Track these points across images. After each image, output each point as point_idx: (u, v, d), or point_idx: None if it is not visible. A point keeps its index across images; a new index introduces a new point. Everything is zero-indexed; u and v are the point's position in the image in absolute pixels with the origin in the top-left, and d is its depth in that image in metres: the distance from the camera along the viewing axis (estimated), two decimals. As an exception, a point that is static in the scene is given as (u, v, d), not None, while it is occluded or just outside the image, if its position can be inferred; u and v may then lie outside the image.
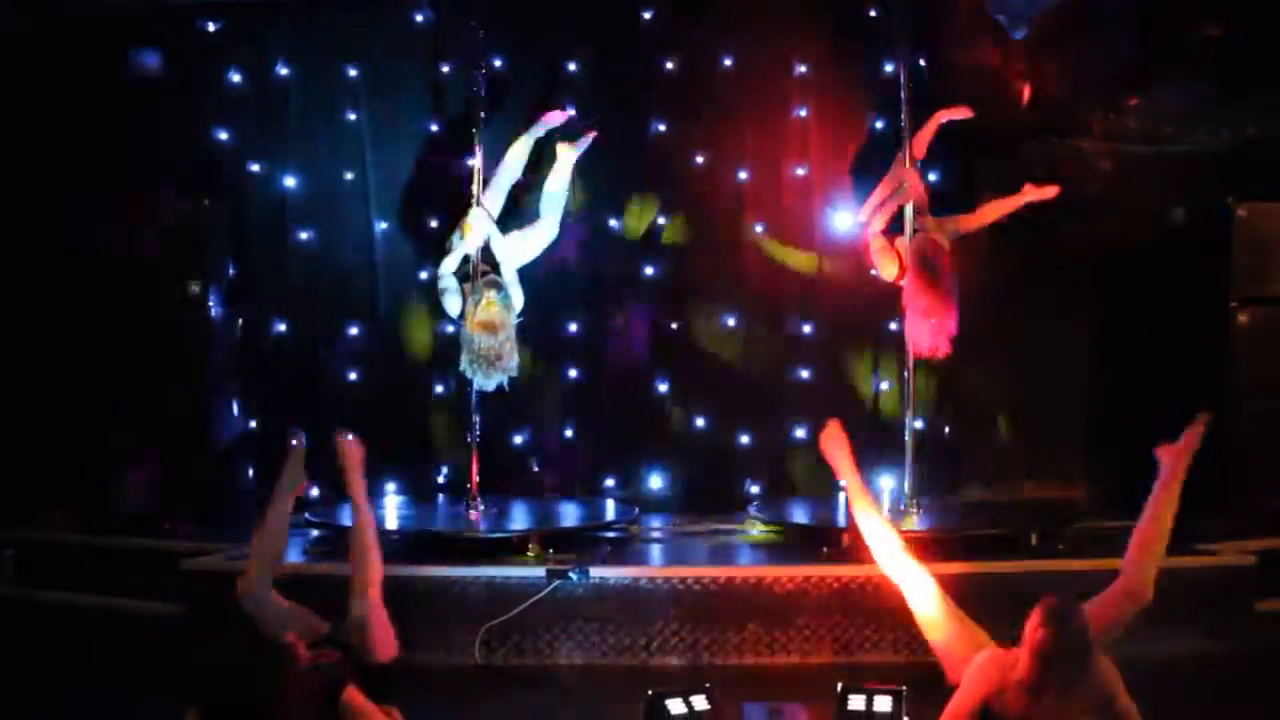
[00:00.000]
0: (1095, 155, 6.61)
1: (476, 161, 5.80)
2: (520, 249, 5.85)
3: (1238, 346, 6.20)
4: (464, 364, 5.58)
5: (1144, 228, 6.56)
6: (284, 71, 6.68)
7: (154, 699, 4.40)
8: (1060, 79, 6.58)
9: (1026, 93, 6.62)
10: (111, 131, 6.50)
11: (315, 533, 5.59)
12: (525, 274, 5.90)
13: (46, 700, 4.44)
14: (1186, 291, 6.43)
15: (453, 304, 5.72)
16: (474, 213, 5.74)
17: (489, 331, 5.49)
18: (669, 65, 6.71)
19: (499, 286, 5.62)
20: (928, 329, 5.55)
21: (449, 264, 5.79)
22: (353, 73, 6.66)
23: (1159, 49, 6.42)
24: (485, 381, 5.60)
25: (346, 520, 4.75)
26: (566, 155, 5.99)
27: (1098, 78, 6.54)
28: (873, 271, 5.92)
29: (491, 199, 5.87)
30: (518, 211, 6.13)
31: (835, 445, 4.13)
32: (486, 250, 5.75)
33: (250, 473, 6.62)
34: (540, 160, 6.09)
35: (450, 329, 6.09)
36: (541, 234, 5.93)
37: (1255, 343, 6.18)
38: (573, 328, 6.69)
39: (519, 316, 5.69)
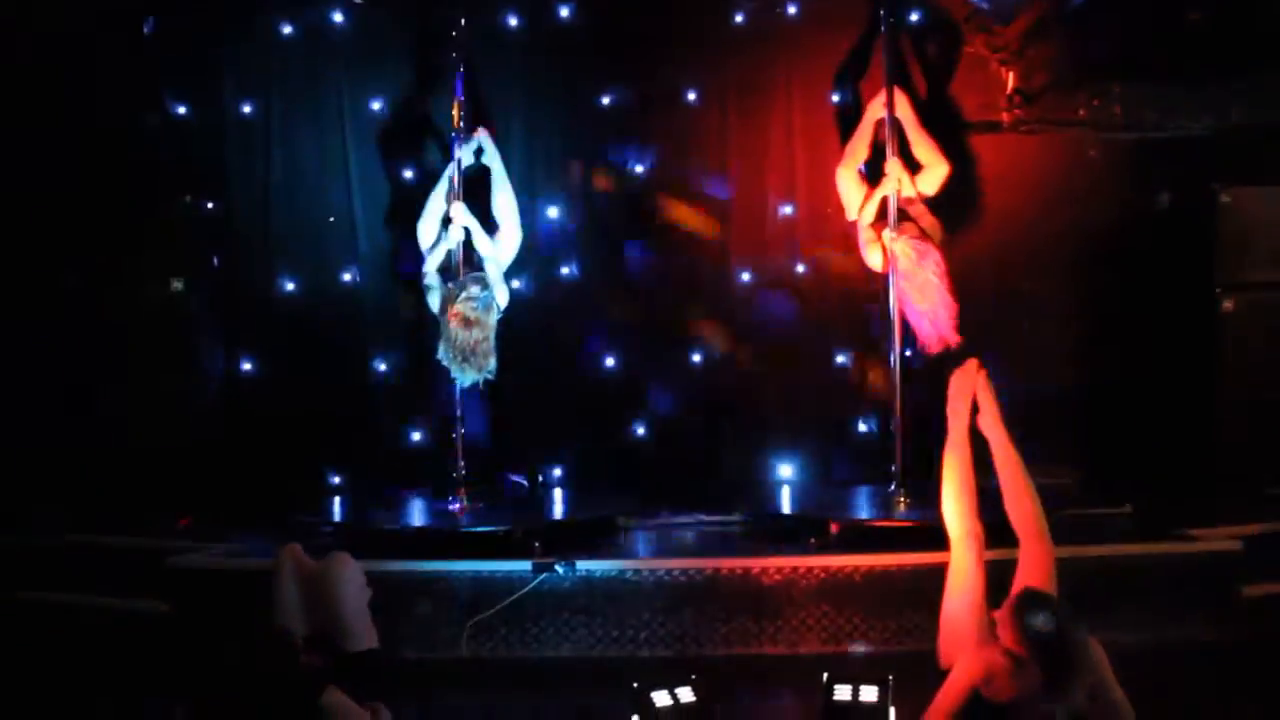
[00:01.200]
0: (1078, 142, 6.61)
1: (456, 151, 5.80)
2: (496, 253, 5.85)
3: (1223, 332, 6.21)
4: (441, 352, 5.57)
5: (1128, 214, 6.55)
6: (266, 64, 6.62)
7: (139, 697, 4.39)
8: (1043, 66, 6.58)
9: (1010, 80, 6.62)
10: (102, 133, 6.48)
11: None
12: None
13: (31, 701, 4.41)
14: (1171, 278, 6.43)
15: (435, 300, 5.72)
16: (454, 207, 5.73)
17: (464, 326, 5.48)
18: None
19: (483, 284, 5.62)
20: (930, 323, 5.57)
21: (433, 261, 5.79)
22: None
23: (1141, 35, 6.41)
24: (462, 376, 5.58)
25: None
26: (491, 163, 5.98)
27: (1080, 64, 6.53)
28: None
29: (427, 228, 5.87)
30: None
31: (962, 384, 4.20)
32: (471, 248, 5.75)
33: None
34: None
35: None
36: (508, 240, 5.93)
37: (1240, 328, 6.18)
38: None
39: (500, 313, 5.68)
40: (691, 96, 6.62)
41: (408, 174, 6.54)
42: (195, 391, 6.50)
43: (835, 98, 6.55)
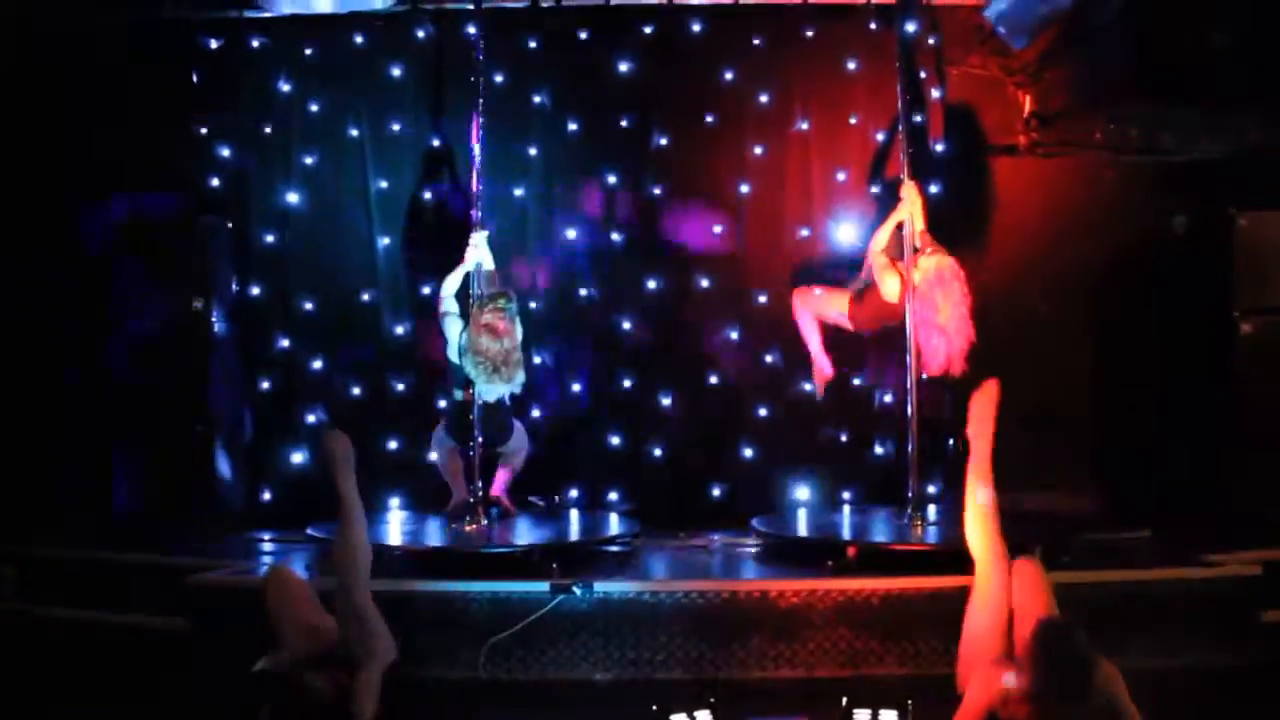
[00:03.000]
0: (1096, 166, 6.62)
1: (474, 179, 5.84)
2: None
3: (1241, 357, 6.19)
4: (468, 366, 5.49)
5: (1145, 238, 6.56)
6: (286, 88, 6.73)
7: (160, 715, 4.41)
8: (1060, 89, 6.60)
9: (1027, 103, 6.64)
10: (112, 142, 6.55)
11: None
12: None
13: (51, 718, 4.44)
14: (1189, 302, 6.43)
15: (453, 327, 5.71)
16: (475, 236, 5.77)
17: (494, 336, 5.44)
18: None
19: (509, 298, 5.62)
20: (944, 346, 5.52)
21: (450, 285, 5.80)
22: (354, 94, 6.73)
23: (1158, 59, 6.43)
24: (488, 388, 5.55)
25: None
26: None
27: (1097, 88, 6.55)
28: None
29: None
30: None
31: (984, 406, 4.26)
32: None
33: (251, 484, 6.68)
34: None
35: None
36: None
37: (1258, 353, 6.17)
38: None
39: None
40: (710, 119, 6.69)
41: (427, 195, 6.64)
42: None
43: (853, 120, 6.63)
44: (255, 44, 6.72)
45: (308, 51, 6.71)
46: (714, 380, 6.68)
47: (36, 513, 6.27)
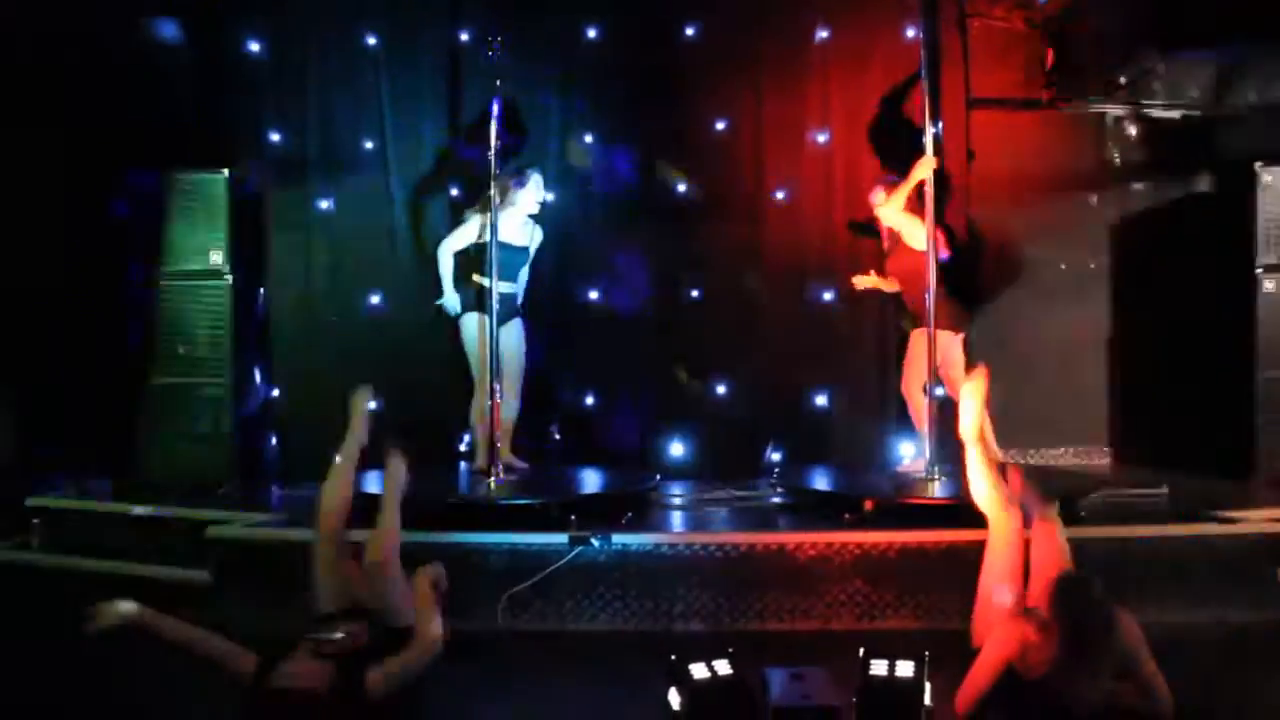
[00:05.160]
0: (1120, 120, 6.56)
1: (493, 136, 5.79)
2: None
3: (1262, 313, 6.15)
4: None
5: (1168, 193, 6.51)
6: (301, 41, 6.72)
7: (179, 668, 4.45)
8: (1082, 43, 6.52)
9: (1049, 57, 6.57)
10: (133, 104, 6.53)
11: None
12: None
13: (75, 668, 4.49)
14: (1211, 258, 6.38)
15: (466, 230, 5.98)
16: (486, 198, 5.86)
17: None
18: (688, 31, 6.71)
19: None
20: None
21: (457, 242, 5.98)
22: (371, 40, 6.70)
23: (1183, 10, 6.34)
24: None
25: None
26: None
27: (1121, 41, 6.47)
28: None
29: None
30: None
31: (974, 388, 4.28)
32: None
33: (273, 440, 6.73)
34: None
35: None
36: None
37: (1280, 310, 6.13)
38: (593, 295, 6.76)
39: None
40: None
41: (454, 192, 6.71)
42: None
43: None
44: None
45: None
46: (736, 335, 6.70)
47: (62, 466, 6.33)
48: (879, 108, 6.59)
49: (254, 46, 6.74)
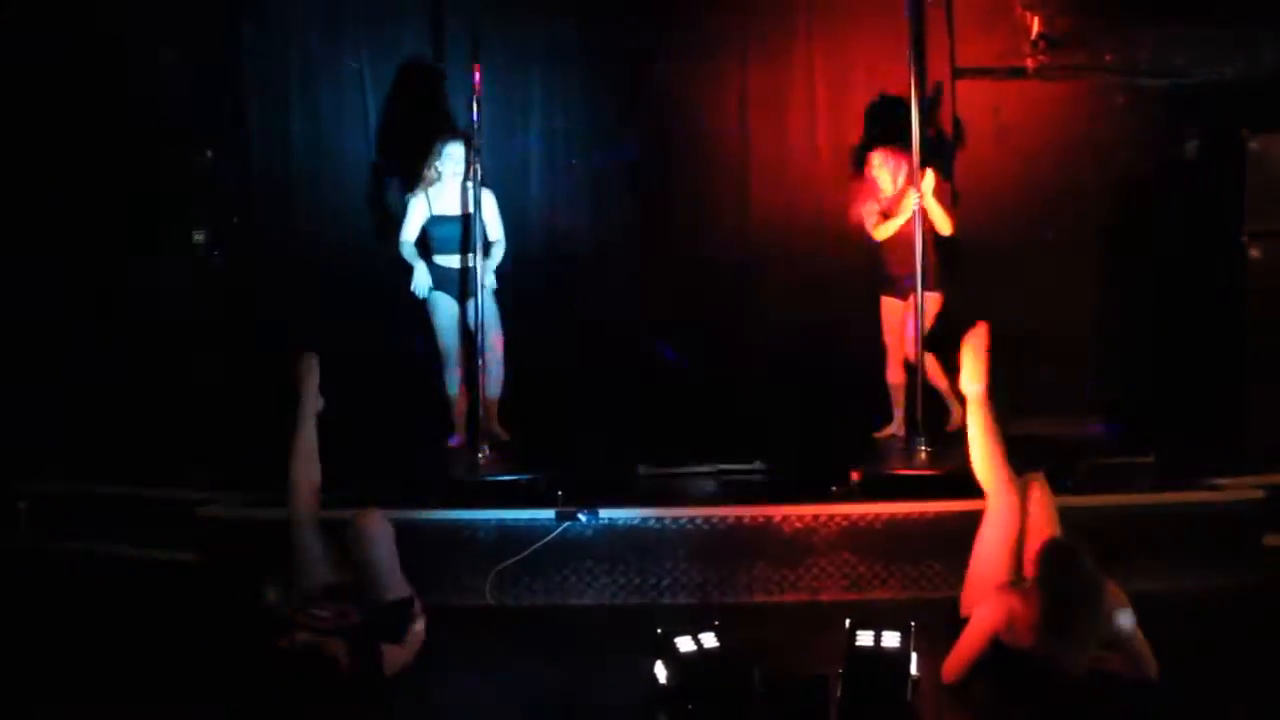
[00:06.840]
0: (1104, 88, 6.52)
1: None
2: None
3: (1250, 280, 6.14)
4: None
5: (1155, 161, 6.48)
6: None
7: (169, 646, 4.45)
8: (1068, 10, 6.48)
9: (1035, 25, 6.52)
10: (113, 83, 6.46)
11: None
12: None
13: (62, 650, 4.48)
14: (1199, 225, 6.36)
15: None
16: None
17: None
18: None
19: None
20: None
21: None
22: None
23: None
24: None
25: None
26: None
27: (1107, 9, 6.43)
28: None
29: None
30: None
31: (975, 346, 4.28)
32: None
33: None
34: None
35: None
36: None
37: (1268, 276, 6.10)
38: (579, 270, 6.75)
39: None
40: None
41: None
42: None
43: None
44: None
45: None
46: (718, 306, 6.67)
47: (48, 447, 6.29)
48: (865, 76, 6.57)
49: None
